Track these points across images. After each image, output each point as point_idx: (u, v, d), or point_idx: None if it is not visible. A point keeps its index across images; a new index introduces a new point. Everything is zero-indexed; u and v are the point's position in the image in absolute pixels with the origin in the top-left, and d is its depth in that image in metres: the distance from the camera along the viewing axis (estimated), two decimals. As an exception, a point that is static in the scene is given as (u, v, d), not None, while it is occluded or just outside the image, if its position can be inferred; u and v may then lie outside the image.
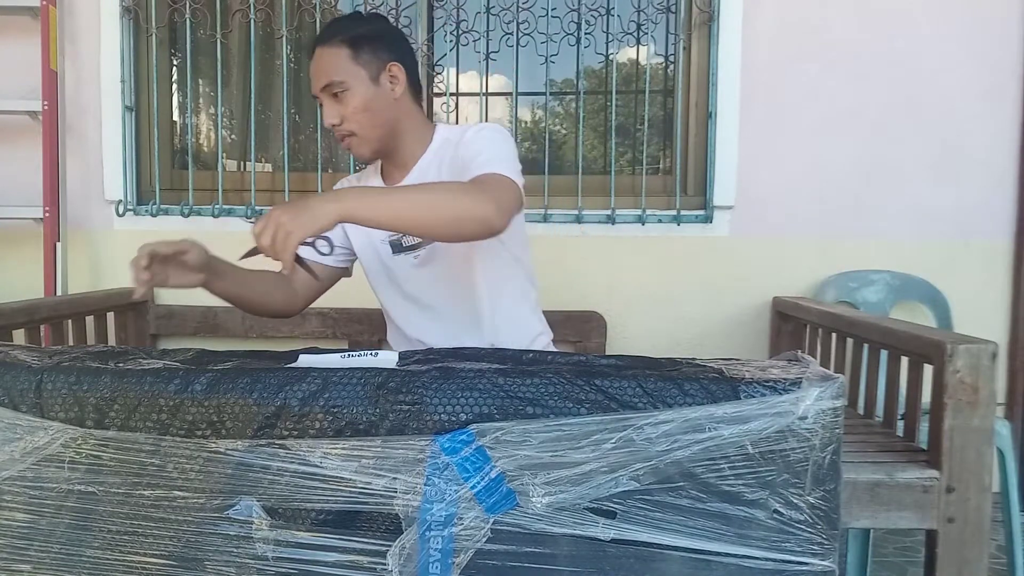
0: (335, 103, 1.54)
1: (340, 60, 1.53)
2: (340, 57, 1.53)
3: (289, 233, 1.17)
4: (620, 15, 2.54)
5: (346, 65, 1.53)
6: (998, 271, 2.52)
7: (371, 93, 1.55)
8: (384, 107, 1.57)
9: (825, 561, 1.00)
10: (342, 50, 1.53)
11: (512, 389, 1.00)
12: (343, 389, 1.02)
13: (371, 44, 1.55)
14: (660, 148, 2.71)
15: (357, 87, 1.53)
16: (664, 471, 0.98)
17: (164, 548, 1.02)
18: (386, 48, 1.57)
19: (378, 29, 1.59)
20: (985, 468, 1.37)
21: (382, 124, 1.57)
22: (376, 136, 1.58)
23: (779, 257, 2.55)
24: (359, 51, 1.54)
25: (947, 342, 1.38)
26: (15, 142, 2.60)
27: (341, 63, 1.53)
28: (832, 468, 1.00)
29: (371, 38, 1.55)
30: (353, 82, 1.53)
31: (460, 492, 0.97)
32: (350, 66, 1.53)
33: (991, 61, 2.48)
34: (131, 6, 2.55)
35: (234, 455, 1.00)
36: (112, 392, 1.04)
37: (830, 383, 0.99)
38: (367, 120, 1.55)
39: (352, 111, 1.54)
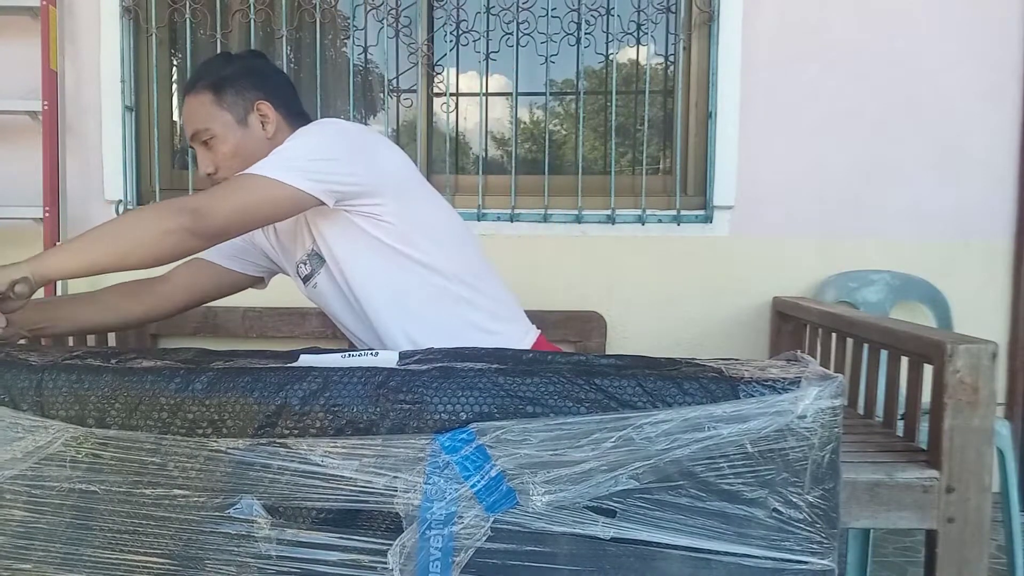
0: (206, 151, 1.48)
1: (204, 106, 1.47)
2: (204, 103, 1.47)
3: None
4: (620, 15, 2.54)
5: (210, 111, 1.47)
6: (998, 271, 2.53)
7: (239, 137, 1.47)
8: (256, 149, 1.46)
9: (824, 560, 1.00)
10: (206, 95, 1.47)
11: (512, 388, 1.00)
12: (344, 388, 1.02)
13: (234, 85, 1.48)
14: (660, 148, 2.71)
15: (224, 133, 1.47)
16: (664, 470, 0.98)
17: (165, 547, 1.02)
18: (251, 87, 1.49)
19: (243, 68, 1.51)
20: (985, 468, 1.37)
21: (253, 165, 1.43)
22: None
23: (779, 257, 2.55)
24: (222, 94, 1.47)
25: (947, 342, 1.38)
26: (15, 142, 2.61)
27: (205, 109, 1.47)
28: (831, 467, 1.00)
29: (234, 79, 1.48)
30: (219, 128, 1.46)
31: (460, 491, 0.97)
32: (214, 111, 1.47)
33: (991, 61, 2.48)
34: (131, 6, 2.55)
35: (235, 454, 1.00)
36: (113, 391, 1.04)
37: (829, 382, 1.00)
38: (239, 164, 1.43)
39: (223, 157, 1.47)
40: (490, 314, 1.54)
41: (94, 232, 1.27)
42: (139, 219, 1.29)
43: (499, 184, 2.58)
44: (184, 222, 1.25)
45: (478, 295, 1.52)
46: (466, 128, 2.74)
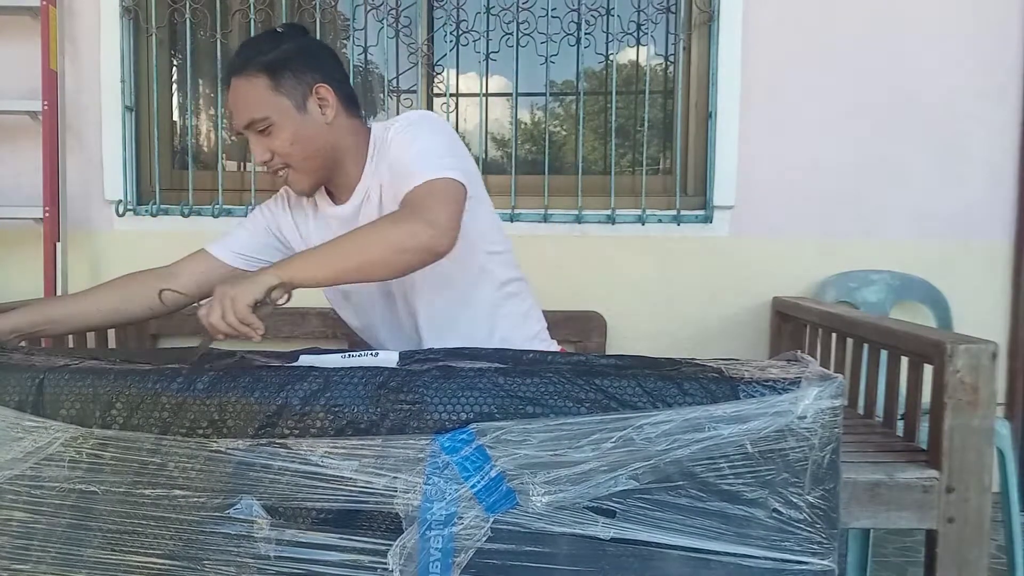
0: (261, 138, 1.40)
1: (259, 92, 1.38)
2: (259, 89, 1.38)
3: (234, 298, 1.15)
4: (620, 15, 2.54)
5: (267, 97, 1.38)
6: (998, 271, 2.53)
7: (299, 123, 1.40)
8: (316, 135, 1.42)
9: (824, 560, 1.00)
10: (260, 80, 1.38)
11: (512, 388, 1.01)
12: (344, 388, 1.02)
13: (291, 68, 1.40)
14: (660, 148, 2.71)
15: (283, 120, 1.39)
16: (664, 470, 0.98)
17: (165, 547, 1.02)
18: (309, 68, 1.41)
19: (297, 48, 1.42)
20: (985, 468, 1.37)
21: (316, 153, 1.43)
22: (312, 167, 1.44)
23: (779, 257, 2.55)
24: (279, 78, 1.39)
25: (947, 342, 1.38)
26: (15, 142, 2.61)
27: (261, 95, 1.38)
28: (831, 467, 1.00)
29: (290, 60, 1.40)
30: (277, 116, 1.39)
31: (460, 491, 0.97)
32: (271, 97, 1.38)
33: (991, 61, 2.48)
34: (131, 6, 2.55)
35: (235, 454, 1.00)
36: (114, 391, 1.04)
37: (829, 382, 1.00)
38: (299, 152, 1.41)
39: (281, 145, 1.40)
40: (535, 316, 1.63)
41: (339, 244, 1.27)
42: (382, 234, 1.26)
43: (499, 184, 2.58)
44: (425, 240, 1.25)
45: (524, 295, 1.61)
46: (466, 128, 2.74)
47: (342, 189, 1.52)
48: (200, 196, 2.60)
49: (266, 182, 2.66)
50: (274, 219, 1.62)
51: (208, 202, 2.59)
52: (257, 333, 1.18)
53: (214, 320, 1.16)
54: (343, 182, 1.50)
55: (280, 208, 1.62)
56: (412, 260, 1.27)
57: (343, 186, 1.51)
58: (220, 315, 1.16)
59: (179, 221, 2.57)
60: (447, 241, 1.27)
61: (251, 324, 1.17)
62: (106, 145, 2.61)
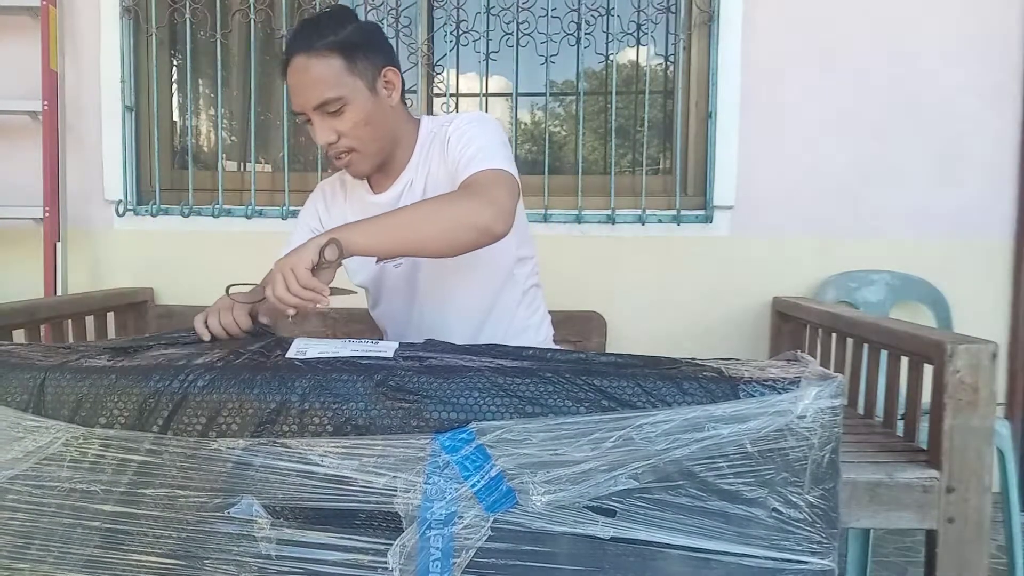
0: (329, 119, 1.39)
1: (334, 72, 1.36)
2: (334, 68, 1.36)
3: (293, 267, 1.16)
4: (620, 15, 2.54)
5: (342, 77, 1.36)
6: (998, 271, 2.52)
7: (371, 105, 1.40)
8: (384, 118, 1.43)
9: (824, 560, 1.00)
10: (334, 60, 1.36)
11: (512, 388, 1.01)
12: (343, 387, 1.02)
13: (364, 50, 1.39)
14: (660, 148, 2.71)
15: (356, 101, 1.38)
16: (663, 470, 0.98)
17: (165, 546, 1.02)
18: (378, 52, 1.42)
19: (364, 30, 1.43)
20: (985, 468, 1.37)
21: (382, 136, 1.44)
22: (376, 150, 1.45)
23: (779, 257, 2.55)
24: (354, 59, 1.38)
25: (947, 342, 1.38)
26: (15, 142, 2.61)
27: (335, 75, 1.36)
28: (831, 467, 1.00)
29: (363, 43, 1.39)
30: (352, 96, 1.37)
31: (460, 491, 0.97)
32: (346, 78, 1.37)
33: (991, 61, 2.48)
34: (131, 6, 2.55)
35: (235, 453, 1.00)
36: (114, 391, 1.04)
37: (829, 382, 1.00)
38: (368, 134, 1.41)
39: (352, 127, 1.39)
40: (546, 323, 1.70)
41: (399, 215, 1.27)
42: (444, 208, 1.27)
43: (499, 184, 2.57)
44: (487, 219, 1.25)
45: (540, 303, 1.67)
46: (466, 128, 2.73)
47: (385, 176, 1.53)
48: (200, 196, 2.60)
49: (266, 182, 2.66)
50: (316, 220, 1.63)
51: (208, 202, 2.59)
52: (324, 296, 1.17)
53: (280, 293, 1.16)
54: (388, 169, 1.52)
55: (321, 207, 1.64)
56: (470, 238, 1.26)
57: (386, 173, 1.53)
58: (284, 287, 1.16)
59: (179, 221, 2.58)
60: (504, 225, 1.27)
61: (315, 288, 1.16)
62: (106, 145, 2.61)
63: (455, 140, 1.43)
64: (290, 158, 2.64)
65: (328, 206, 1.64)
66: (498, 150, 1.39)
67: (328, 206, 1.64)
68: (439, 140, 1.48)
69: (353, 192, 1.60)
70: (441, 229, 1.24)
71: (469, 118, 1.47)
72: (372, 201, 1.54)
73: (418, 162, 1.51)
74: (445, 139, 1.46)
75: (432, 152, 1.49)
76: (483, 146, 1.38)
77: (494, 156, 1.36)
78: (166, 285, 2.62)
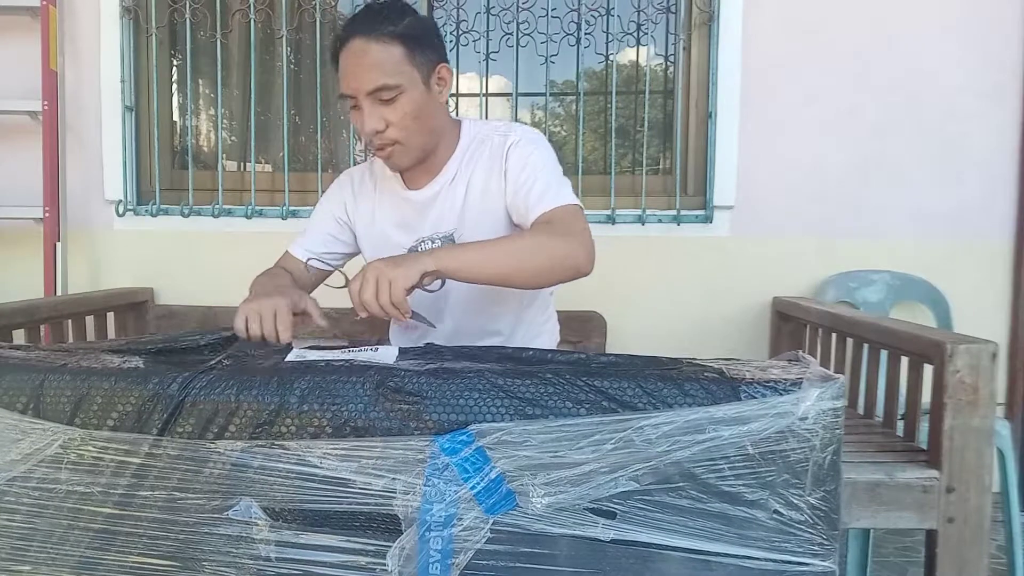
0: (380, 107, 1.36)
1: (394, 60, 1.35)
2: (394, 56, 1.35)
3: (392, 280, 1.16)
4: (620, 15, 2.54)
5: (401, 66, 1.35)
6: (998, 271, 2.52)
7: (423, 99, 1.39)
8: (432, 113, 1.42)
9: (825, 562, 1.00)
10: (395, 48, 1.35)
11: (512, 389, 1.00)
12: (342, 389, 1.02)
13: (422, 43, 1.38)
14: (660, 148, 2.71)
15: (411, 92, 1.36)
16: (664, 472, 0.98)
17: (164, 549, 1.02)
18: (435, 47, 1.42)
19: (423, 24, 1.42)
20: (985, 468, 1.37)
21: (428, 131, 1.43)
22: (421, 144, 1.43)
23: (779, 257, 2.55)
24: (415, 51, 1.36)
25: (947, 342, 1.38)
26: (15, 142, 2.60)
27: (395, 63, 1.35)
28: (832, 468, 1.00)
29: (422, 37, 1.38)
30: (409, 86, 1.36)
31: (460, 493, 0.97)
32: (406, 68, 1.36)
33: (991, 60, 2.48)
34: (131, 6, 2.55)
35: (234, 455, 1.00)
36: (112, 393, 1.04)
37: (830, 383, 0.99)
38: (416, 127, 1.39)
39: (402, 117, 1.37)
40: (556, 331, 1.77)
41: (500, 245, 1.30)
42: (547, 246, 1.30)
43: (499, 184, 2.57)
44: (580, 260, 1.30)
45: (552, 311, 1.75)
46: (466, 128, 2.73)
47: (421, 173, 1.52)
48: (200, 196, 2.60)
49: (266, 182, 2.66)
50: (342, 209, 1.63)
51: (208, 202, 2.59)
52: (405, 316, 1.19)
53: (367, 298, 1.17)
54: (426, 166, 1.51)
55: (349, 196, 1.63)
56: (563, 276, 1.32)
57: (425, 170, 1.52)
58: (374, 294, 1.16)
59: (179, 221, 2.57)
60: (592, 265, 1.33)
61: (402, 309, 1.18)
62: (106, 145, 2.60)
63: (516, 165, 1.44)
64: (290, 158, 2.64)
65: (356, 196, 1.62)
66: (563, 181, 1.43)
67: (356, 196, 1.62)
68: (488, 149, 1.48)
69: (384, 184, 1.59)
70: (542, 266, 1.28)
71: (528, 139, 1.47)
72: (406, 197, 1.54)
73: (459, 165, 1.51)
74: (501, 155, 1.46)
75: (477, 158, 1.49)
76: (551, 178, 1.42)
77: (563, 188, 1.40)
78: (166, 285, 2.62)
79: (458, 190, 1.50)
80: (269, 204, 2.61)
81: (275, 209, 2.57)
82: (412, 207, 1.54)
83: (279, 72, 2.64)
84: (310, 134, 2.72)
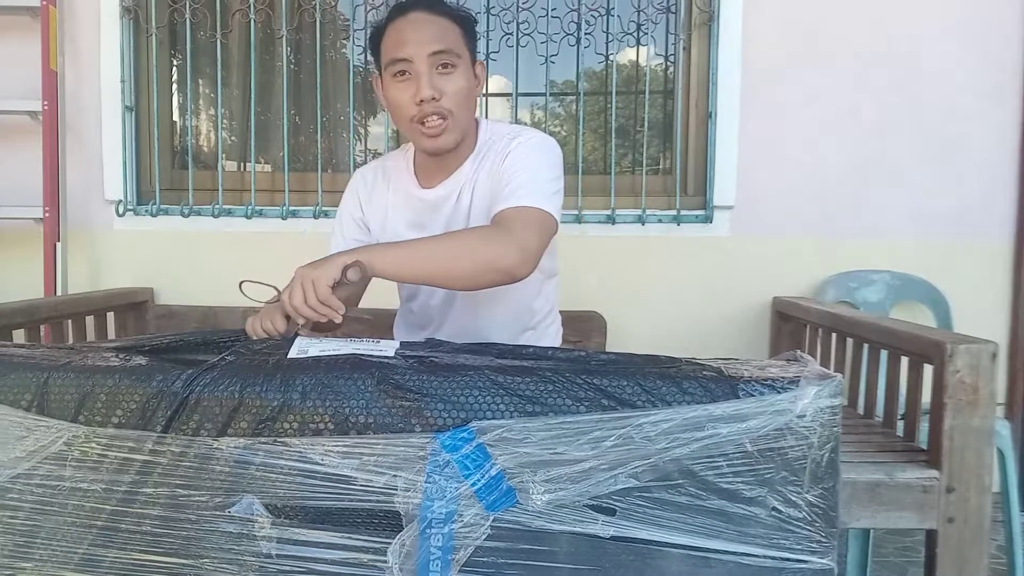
0: (437, 76, 1.38)
1: (455, 35, 1.40)
2: (454, 32, 1.40)
3: (314, 280, 1.17)
4: (620, 15, 2.54)
5: (459, 42, 1.41)
6: (998, 271, 2.52)
7: (471, 81, 1.43)
8: (472, 101, 1.46)
9: (824, 559, 1.00)
10: (455, 27, 1.41)
11: (512, 387, 1.01)
12: (344, 386, 1.02)
13: (471, 33, 1.45)
14: (660, 148, 2.71)
15: (464, 69, 1.41)
16: (663, 469, 0.98)
17: (166, 545, 1.02)
18: (475, 42, 1.47)
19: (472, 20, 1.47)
20: (985, 468, 1.37)
21: (471, 116, 1.47)
22: (463, 126, 1.44)
23: (779, 257, 2.55)
24: (468, 35, 1.43)
25: (947, 342, 1.38)
26: (15, 142, 2.61)
27: (456, 39, 1.40)
28: (830, 466, 1.00)
29: (471, 28, 1.45)
30: (462, 62, 1.40)
31: (460, 489, 0.97)
32: (463, 48, 1.41)
33: (991, 61, 2.48)
34: (131, 6, 2.55)
35: (236, 452, 1.00)
36: (116, 390, 1.04)
37: (828, 381, 1.00)
38: (465, 105, 1.42)
39: (457, 91, 1.39)
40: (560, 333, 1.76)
41: (426, 245, 1.29)
42: (473, 248, 1.29)
43: (499, 184, 2.58)
44: (512, 264, 1.28)
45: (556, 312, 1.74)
46: (466, 128, 2.73)
47: (436, 171, 1.53)
48: (200, 196, 2.60)
49: (266, 182, 2.67)
50: (358, 209, 1.63)
51: (208, 202, 2.59)
52: (338, 314, 1.18)
53: (296, 303, 1.17)
54: (442, 164, 1.51)
55: (363, 195, 1.63)
56: (491, 279, 1.30)
57: (440, 168, 1.52)
58: (302, 298, 1.17)
59: (179, 221, 2.58)
60: (527, 269, 1.30)
61: (332, 305, 1.18)
62: (106, 145, 2.61)
63: (510, 162, 1.44)
64: (290, 158, 2.64)
65: (370, 194, 1.62)
66: (546, 185, 1.40)
67: (370, 194, 1.62)
68: (495, 151, 1.49)
69: (398, 182, 1.59)
70: (465, 268, 1.26)
71: (535, 143, 1.47)
72: (419, 196, 1.54)
73: (471, 168, 1.51)
74: (504, 155, 1.46)
75: (485, 162, 1.50)
76: (532, 179, 1.39)
77: (538, 192, 1.37)
78: (166, 285, 2.62)
79: (467, 192, 1.51)
80: (269, 204, 2.61)
81: (275, 209, 2.57)
82: (424, 206, 1.54)
83: (279, 72, 2.64)
84: (310, 134, 2.73)
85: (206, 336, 1.28)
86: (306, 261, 1.27)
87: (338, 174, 2.66)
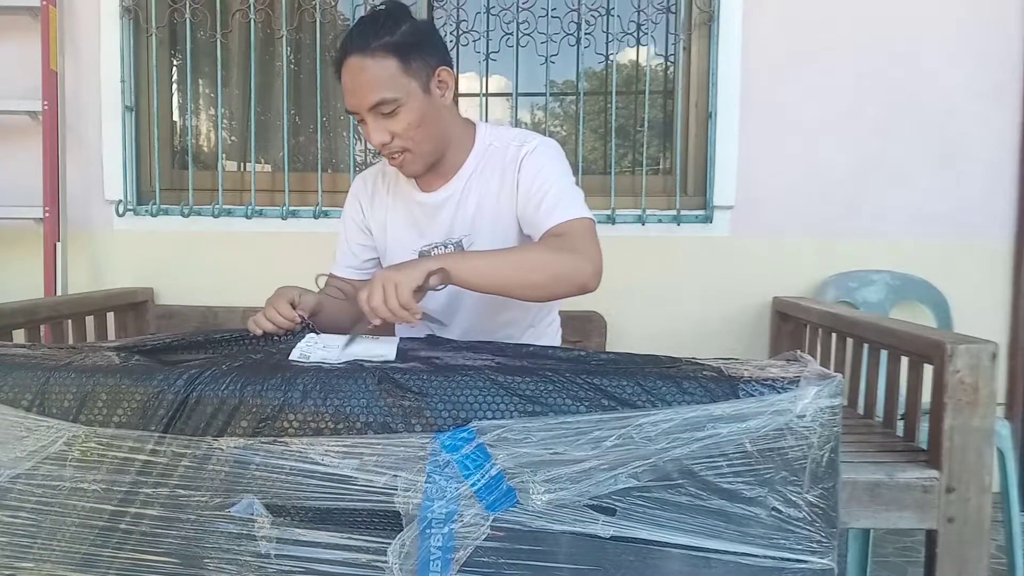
0: (383, 120, 1.38)
1: (389, 73, 1.35)
2: (389, 70, 1.35)
3: (398, 284, 1.17)
4: (620, 15, 2.54)
5: (397, 79, 1.35)
6: (998, 271, 2.53)
7: (425, 106, 1.39)
8: (437, 118, 1.43)
9: (824, 559, 1.00)
10: (389, 61, 1.35)
11: (512, 387, 1.01)
12: (345, 385, 1.02)
13: (418, 50, 1.37)
14: (660, 148, 2.71)
15: (411, 102, 1.37)
16: (663, 469, 0.98)
17: (166, 545, 1.02)
18: (432, 51, 1.41)
19: (420, 30, 1.41)
20: (985, 468, 1.37)
21: (436, 137, 1.44)
22: (430, 150, 1.44)
23: (779, 257, 2.55)
24: (408, 61, 1.36)
25: (947, 342, 1.38)
26: (15, 142, 2.61)
27: (390, 77, 1.35)
28: (830, 466, 1.00)
29: (417, 43, 1.38)
30: (406, 98, 1.36)
31: (460, 489, 0.97)
32: (401, 80, 1.36)
33: (991, 61, 2.48)
34: (131, 6, 2.55)
35: (236, 452, 1.00)
36: (117, 390, 1.04)
37: (828, 382, 1.00)
38: (421, 135, 1.40)
39: (406, 128, 1.38)
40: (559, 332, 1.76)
41: (507, 256, 1.32)
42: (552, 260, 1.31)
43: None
44: (586, 277, 1.32)
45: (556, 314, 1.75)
46: (466, 128, 2.73)
47: (435, 176, 1.53)
48: (200, 196, 2.60)
49: (266, 182, 2.67)
50: (360, 213, 1.64)
51: (208, 202, 2.59)
52: (415, 318, 1.19)
53: (376, 304, 1.18)
54: (439, 169, 1.52)
55: (365, 199, 1.64)
56: (567, 291, 1.33)
57: (437, 173, 1.52)
58: (382, 299, 1.17)
59: (179, 221, 2.58)
60: (598, 281, 1.35)
61: (411, 310, 1.18)
62: (106, 145, 2.61)
63: (529, 175, 1.45)
64: (290, 158, 2.64)
65: (371, 197, 1.63)
66: (575, 191, 1.44)
67: (371, 197, 1.63)
68: (501, 157, 1.49)
69: (397, 186, 1.60)
70: (546, 279, 1.29)
71: (543, 150, 1.48)
72: (419, 200, 1.55)
73: (472, 171, 1.51)
74: (515, 163, 1.47)
75: (490, 166, 1.50)
76: (562, 190, 1.42)
77: (574, 201, 1.41)
78: (166, 285, 2.62)
79: (470, 196, 1.51)
80: (269, 204, 2.61)
81: (275, 209, 2.57)
82: (424, 210, 1.55)
83: (279, 72, 2.64)
84: (310, 134, 2.73)
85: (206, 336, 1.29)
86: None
87: (338, 174, 2.66)
